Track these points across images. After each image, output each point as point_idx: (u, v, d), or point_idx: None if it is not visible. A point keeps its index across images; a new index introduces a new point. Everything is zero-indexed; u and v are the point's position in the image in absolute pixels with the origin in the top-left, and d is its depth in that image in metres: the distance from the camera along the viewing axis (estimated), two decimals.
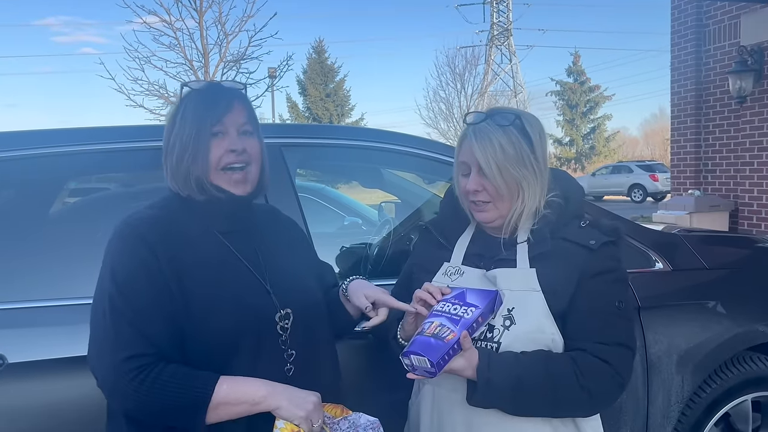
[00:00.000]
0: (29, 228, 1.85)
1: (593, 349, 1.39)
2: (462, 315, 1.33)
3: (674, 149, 8.50)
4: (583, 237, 1.46)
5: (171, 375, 1.18)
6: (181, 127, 1.31)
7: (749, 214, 7.35)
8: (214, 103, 1.31)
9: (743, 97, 7.07)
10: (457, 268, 1.53)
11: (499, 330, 1.40)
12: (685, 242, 2.42)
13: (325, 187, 5.29)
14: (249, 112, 1.37)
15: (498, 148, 1.42)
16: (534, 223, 1.48)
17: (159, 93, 14.52)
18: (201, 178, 1.30)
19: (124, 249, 1.25)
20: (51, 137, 1.94)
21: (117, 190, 2.38)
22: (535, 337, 1.39)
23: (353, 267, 2.42)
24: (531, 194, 1.46)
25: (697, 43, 7.93)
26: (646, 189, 22.63)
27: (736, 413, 2.35)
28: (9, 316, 1.67)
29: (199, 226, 1.34)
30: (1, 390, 1.59)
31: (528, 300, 1.41)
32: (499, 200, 1.46)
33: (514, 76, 37.83)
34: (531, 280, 1.42)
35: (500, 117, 1.45)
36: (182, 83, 1.38)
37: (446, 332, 1.30)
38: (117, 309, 1.20)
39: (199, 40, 14.82)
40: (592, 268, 1.42)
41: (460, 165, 1.50)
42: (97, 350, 1.23)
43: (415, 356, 1.28)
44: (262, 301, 1.32)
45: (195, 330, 1.24)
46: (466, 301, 1.36)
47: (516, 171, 1.43)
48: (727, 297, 2.29)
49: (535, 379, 1.34)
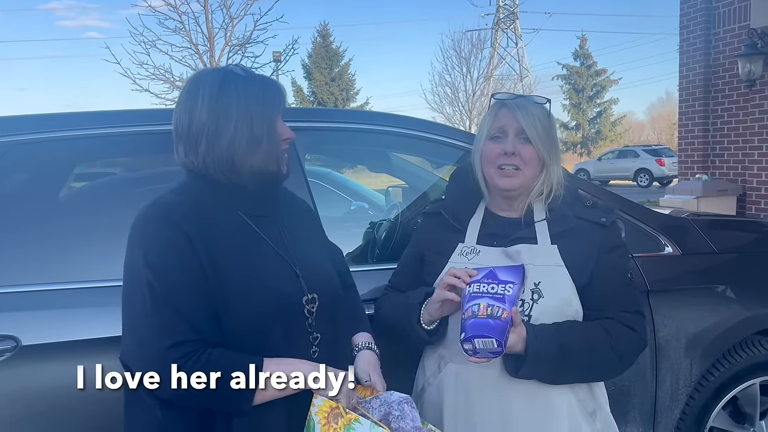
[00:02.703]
0: (39, 211, 1.86)
1: (620, 318, 1.51)
2: (503, 293, 1.37)
3: (682, 133, 8.44)
4: (594, 215, 1.57)
5: (218, 359, 1.19)
6: (248, 117, 1.29)
7: (757, 198, 7.31)
8: (271, 94, 1.34)
9: (752, 80, 7.01)
10: (473, 248, 1.58)
11: (529, 303, 1.47)
12: (694, 226, 2.41)
13: (332, 172, 5.29)
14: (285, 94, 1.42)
15: (537, 118, 1.52)
16: (548, 201, 1.57)
17: (165, 77, 14.51)
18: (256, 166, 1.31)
19: (154, 233, 1.23)
20: (60, 121, 1.94)
21: (123, 175, 2.38)
22: (562, 309, 1.49)
23: (361, 252, 2.42)
24: (554, 171, 1.56)
25: (707, 25, 7.84)
26: (653, 173, 22.49)
27: (744, 397, 2.36)
28: (22, 298, 1.68)
29: (225, 210, 1.33)
30: (16, 372, 1.61)
31: (553, 274, 1.49)
32: (529, 168, 1.53)
33: (520, 59, 37.57)
34: (554, 255, 1.51)
35: (533, 98, 1.57)
36: (197, 78, 1.35)
37: (499, 311, 1.33)
38: (156, 294, 1.19)
39: (204, 23, 14.78)
40: (607, 243, 1.55)
41: (492, 130, 1.55)
42: (138, 340, 1.21)
43: (479, 339, 1.31)
44: (292, 285, 1.33)
45: (230, 313, 1.24)
46: (500, 279, 1.39)
47: (549, 143, 1.54)
48: (736, 281, 2.29)
49: (576, 347, 1.44)
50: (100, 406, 1.59)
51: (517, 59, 37.27)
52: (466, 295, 1.40)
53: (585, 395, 1.54)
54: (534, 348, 1.40)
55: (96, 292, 1.66)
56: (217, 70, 1.35)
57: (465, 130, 2.90)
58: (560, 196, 1.58)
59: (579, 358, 1.45)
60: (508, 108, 1.53)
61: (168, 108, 1.43)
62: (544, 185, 1.55)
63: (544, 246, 1.52)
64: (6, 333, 1.62)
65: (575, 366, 1.46)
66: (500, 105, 1.56)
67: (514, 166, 1.52)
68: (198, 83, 1.32)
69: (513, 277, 1.39)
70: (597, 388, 1.58)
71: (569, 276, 1.50)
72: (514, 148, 1.51)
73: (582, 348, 1.45)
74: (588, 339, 1.46)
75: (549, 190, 1.56)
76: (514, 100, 1.55)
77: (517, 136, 1.52)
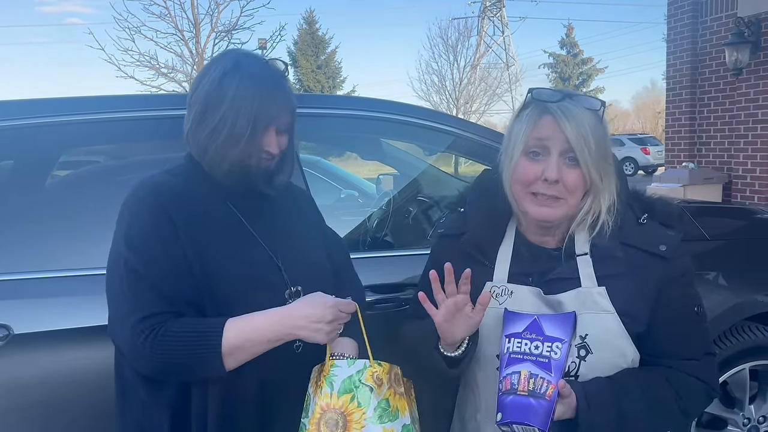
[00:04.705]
0: (29, 199, 1.83)
1: (685, 367, 1.26)
2: (549, 355, 1.12)
3: (669, 122, 8.49)
4: (650, 240, 1.25)
5: (180, 327, 1.17)
6: (235, 114, 1.24)
7: (743, 186, 7.38)
8: (271, 102, 1.26)
9: (739, 69, 7.05)
10: (503, 288, 1.29)
11: (575, 362, 1.21)
12: (685, 212, 2.41)
13: (321, 160, 5.25)
14: (293, 108, 1.33)
15: (590, 130, 1.18)
16: (593, 234, 1.26)
17: (150, 64, 14.32)
18: (242, 161, 1.26)
19: (138, 212, 1.23)
20: (43, 107, 1.90)
21: (109, 163, 2.34)
22: (616, 363, 1.23)
23: (353, 240, 2.41)
24: (608, 194, 1.24)
25: (694, 14, 7.86)
26: (638, 162, 22.68)
27: (734, 381, 2.38)
28: (14, 286, 1.66)
29: (216, 199, 1.31)
30: (8, 361, 1.59)
31: (601, 323, 1.21)
32: (574, 197, 1.21)
33: (507, 48, 37.50)
34: (602, 300, 1.22)
35: (584, 100, 1.23)
36: (226, 54, 1.32)
37: (543, 385, 1.10)
38: (133, 271, 1.18)
39: (190, 9, 14.60)
40: (668, 277, 1.24)
41: (530, 143, 1.21)
42: (118, 317, 1.21)
43: (519, 426, 1.09)
44: (273, 277, 1.31)
45: (212, 300, 1.23)
46: (545, 335, 1.15)
47: (602, 163, 1.20)
48: (727, 267, 2.30)
49: (637, 411, 1.19)
50: (92, 394, 1.58)
51: (503, 47, 37.22)
52: (505, 355, 1.16)
53: None
54: (587, 420, 1.15)
55: (89, 280, 1.64)
56: (232, 56, 1.30)
57: None
58: (609, 230, 1.25)
59: (640, 422, 1.21)
60: (553, 115, 1.18)
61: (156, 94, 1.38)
62: (588, 215, 1.24)
63: (588, 288, 1.23)
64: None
65: (634, 429, 1.21)
66: (542, 109, 1.20)
67: (554, 196, 1.20)
68: (216, 61, 1.31)
69: (561, 331, 1.14)
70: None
71: (620, 322, 1.21)
72: (558, 175, 1.18)
73: (644, 412, 1.20)
74: (651, 398, 1.21)
75: (595, 219, 1.25)
76: (559, 104, 1.19)
77: (562, 155, 1.19)
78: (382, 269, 1.95)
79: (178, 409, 1.24)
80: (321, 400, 1.20)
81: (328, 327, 1.22)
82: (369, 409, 1.18)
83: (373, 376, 1.21)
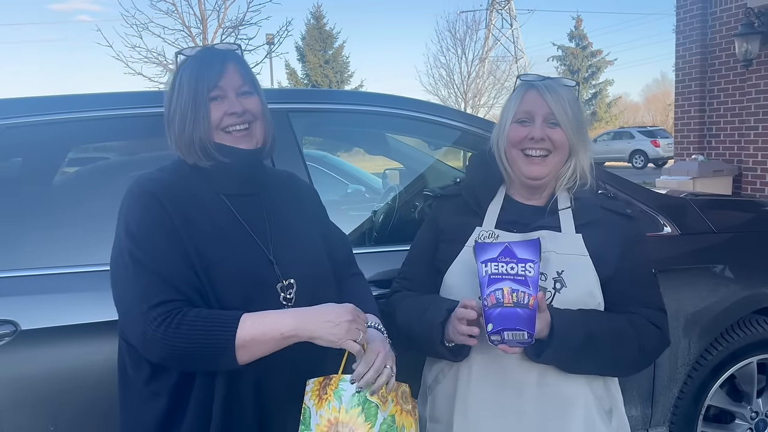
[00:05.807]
0: (37, 196, 1.85)
1: (644, 314, 1.46)
2: (525, 273, 1.28)
3: (678, 114, 8.43)
4: (620, 206, 1.54)
5: (195, 316, 1.19)
6: (179, 95, 1.31)
7: (753, 178, 7.33)
8: (209, 68, 1.31)
9: (749, 60, 6.99)
10: (491, 232, 1.50)
11: (551, 293, 1.41)
12: (692, 206, 2.41)
13: (327, 155, 5.27)
14: (245, 72, 1.36)
15: (567, 102, 1.46)
16: (573, 190, 1.50)
17: (157, 60, 14.37)
18: (204, 141, 1.30)
19: (137, 205, 1.26)
20: (51, 104, 1.92)
21: (117, 159, 2.36)
22: (585, 301, 1.42)
23: (359, 234, 2.41)
24: (584, 158, 1.50)
25: (704, 5, 7.79)
26: (648, 155, 22.48)
27: (742, 375, 2.38)
28: (21, 283, 1.67)
29: (209, 191, 1.34)
30: (15, 357, 1.61)
31: (577, 264, 1.43)
32: (558, 154, 1.47)
33: (515, 41, 37.29)
34: (579, 244, 1.45)
35: (562, 80, 1.51)
36: (177, 51, 1.39)
37: (525, 297, 1.25)
38: (137, 261, 1.21)
39: (197, 5, 14.62)
40: (633, 236, 1.50)
41: (519, 114, 1.47)
42: (125, 308, 1.23)
43: (509, 332, 1.24)
44: (265, 271, 1.32)
45: (213, 290, 1.25)
46: (518, 257, 1.30)
47: (578, 129, 1.47)
48: (735, 260, 2.29)
49: (602, 335, 1.38)
50: (99, 390, 1.60)
51: (512, 40, 37.00)
52: (484, 277, 1.30)
53: (602, 392, 1.48)
54: (560, 333, 1.33)
55: (95, 276, 1.65)
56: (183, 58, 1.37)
57: None
58: (587, 185, 1.51)
59: (604, 347, 1.38)
60: (536, 90, 1.46)
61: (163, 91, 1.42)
62: (572, 173, 1.49)
63: (568, 234, 1.46)
64: (5, 318, 1.61)
65: (599, 355, 1.39)
66: (527, 87, 1.49)
67: (543, 151, 1.45)
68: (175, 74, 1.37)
69: (531, 254, 1.30)
70: (613, 387, 1.52)
71: (593, 267, 1.43)
72: (543, 134, 1.44)
73: (608, 337, 1.38)
74: (614, 329, 1.40)
75: (575, 178, 1.49)
76: (542, 82, 1.47)
77: (545, 121, 1.45)
78: (388, 264, 1.96)
79: (173, 400, 1.26)
80: (329, 414, 1.22)
81: (347, 325, 1.22)
82: (376, 425, 1.22)
83: (378, 393, 1.25)
